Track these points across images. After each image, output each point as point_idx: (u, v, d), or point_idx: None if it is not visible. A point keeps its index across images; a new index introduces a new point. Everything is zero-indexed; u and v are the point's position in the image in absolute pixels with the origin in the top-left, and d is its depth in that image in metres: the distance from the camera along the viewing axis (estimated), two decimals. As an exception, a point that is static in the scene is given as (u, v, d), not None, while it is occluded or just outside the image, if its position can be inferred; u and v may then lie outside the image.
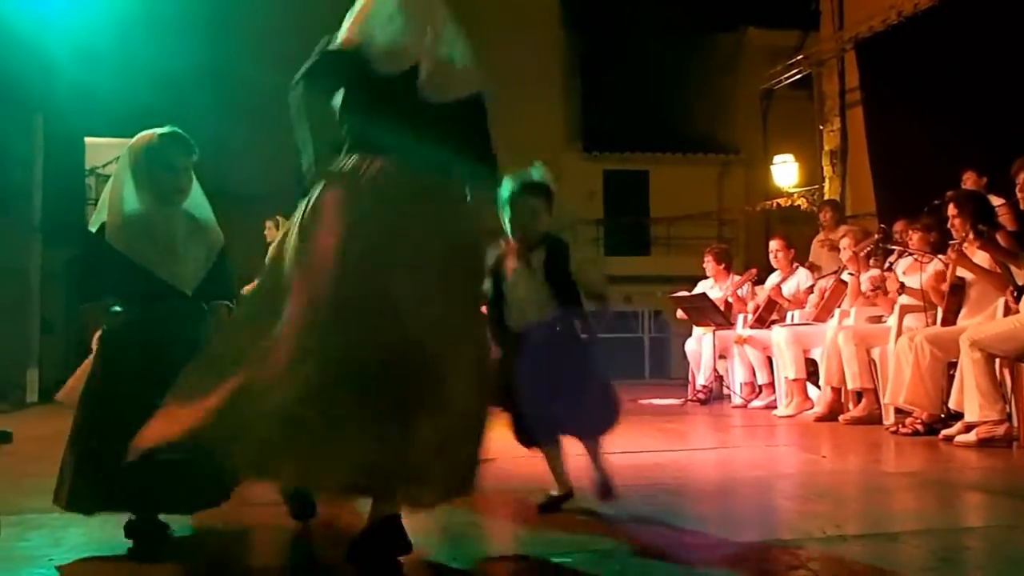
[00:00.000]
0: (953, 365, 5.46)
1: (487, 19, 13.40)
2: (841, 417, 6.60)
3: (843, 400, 6.79)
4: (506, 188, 3.31)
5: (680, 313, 8.99)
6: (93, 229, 3.13)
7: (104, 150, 13.08)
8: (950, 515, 3.61)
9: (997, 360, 5.20)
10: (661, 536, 3.16)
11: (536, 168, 3.41)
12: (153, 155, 3.17)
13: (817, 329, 7.25)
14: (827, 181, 11.95)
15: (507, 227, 3.36)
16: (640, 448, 4.53)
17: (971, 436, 5.17)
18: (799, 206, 13.02)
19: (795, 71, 12.69)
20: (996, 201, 6.26)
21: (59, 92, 10.84)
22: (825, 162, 12.02)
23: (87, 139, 13.06)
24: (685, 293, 9.08)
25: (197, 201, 3.27)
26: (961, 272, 5.72)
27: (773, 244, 8.37)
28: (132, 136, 3.24)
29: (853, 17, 11.09)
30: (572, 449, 3.48)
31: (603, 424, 3.43)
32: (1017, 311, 5.28)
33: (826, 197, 11.45)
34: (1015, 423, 5.13)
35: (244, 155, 11.69)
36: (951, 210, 5.63)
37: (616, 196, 17.74)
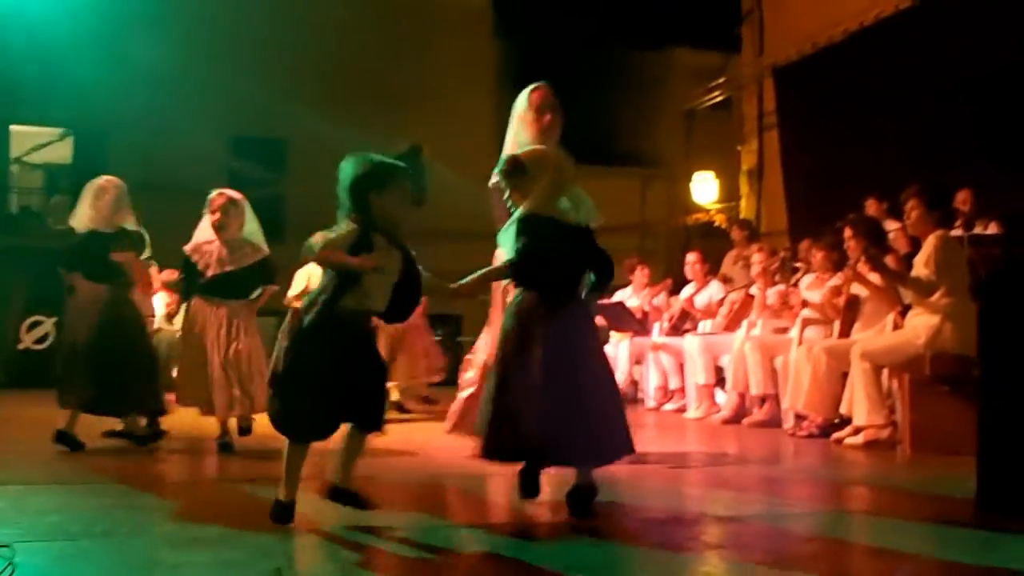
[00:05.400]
0: (847, 374, 5.93)
1: (421, 26, 13.68)
2: (745, 420, 7.05)
3: (747, 405, 7.24)
4: None
5: (600, 320, 9.37)
6: None
7: (28, 138, 12.95)
8: (834, 503, 4.03)
9: (885, 370, 5.70)
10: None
11: None
12: None
13: (726, 338, 7.70)
14: (744, 199, 12.51)
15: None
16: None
17: (859, 438, 5.65)
18: (715, 222, 13.56)
19: (716, 93, 13.24)
20: (893, 225, 6.78)
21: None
22: (742, 181, 12.58)
23: (12, 127, 12.86)
24: (605, 301, 9.45)
25: None
26: (856, 289, 6.20)
27: (690, 257, 8.81)
28: (58, 125, 3.36)
29: (772, 45, 11.68)
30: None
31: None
32: (903, 327, 5.79)
33: (742, 214, 11.99)
34: (898, 427, 5.63)
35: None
36: (847, 233, 6.12)
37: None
